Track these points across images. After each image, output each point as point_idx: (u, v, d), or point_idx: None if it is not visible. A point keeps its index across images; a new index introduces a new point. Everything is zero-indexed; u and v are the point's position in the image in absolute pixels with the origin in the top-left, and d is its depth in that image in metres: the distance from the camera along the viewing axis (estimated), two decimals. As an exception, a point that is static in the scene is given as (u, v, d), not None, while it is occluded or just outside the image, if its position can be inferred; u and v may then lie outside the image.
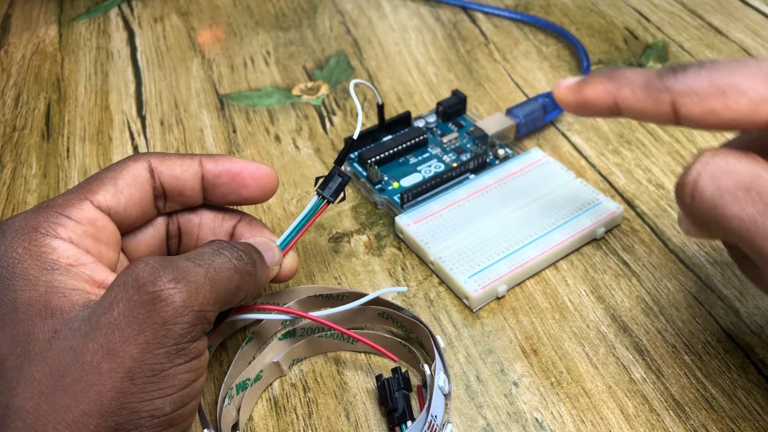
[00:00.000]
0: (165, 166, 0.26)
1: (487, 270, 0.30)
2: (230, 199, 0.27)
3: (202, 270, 0.21)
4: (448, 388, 0.25)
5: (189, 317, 0.20)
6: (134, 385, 0.19)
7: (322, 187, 0.27)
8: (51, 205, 0.23)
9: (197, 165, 0.26)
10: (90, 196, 0.24)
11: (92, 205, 0.24)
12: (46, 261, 0.21)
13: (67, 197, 0.24)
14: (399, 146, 0.37)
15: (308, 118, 0.43)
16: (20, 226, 0.22)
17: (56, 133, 0.44)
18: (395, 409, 0.25)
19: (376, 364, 0.28)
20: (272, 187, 0.27)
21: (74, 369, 0.19)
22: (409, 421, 0.25)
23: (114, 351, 0.19)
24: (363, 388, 0.28)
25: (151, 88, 0.47)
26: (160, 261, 0.21)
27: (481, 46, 0.48)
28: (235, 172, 0.26)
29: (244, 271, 0.23)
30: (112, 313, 0.20)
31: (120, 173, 0.25)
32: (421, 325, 0.27)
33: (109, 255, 0.24)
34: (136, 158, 0.26)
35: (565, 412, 0.26)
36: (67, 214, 0.23)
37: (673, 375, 0.27)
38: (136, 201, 0.25)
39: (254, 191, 0.27)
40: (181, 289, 0.20)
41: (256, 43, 0.50)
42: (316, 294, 0.29)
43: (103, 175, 0.25)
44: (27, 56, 0.51)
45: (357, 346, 0.29)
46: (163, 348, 0.20)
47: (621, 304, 0.30)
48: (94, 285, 0.22)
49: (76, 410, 0.19)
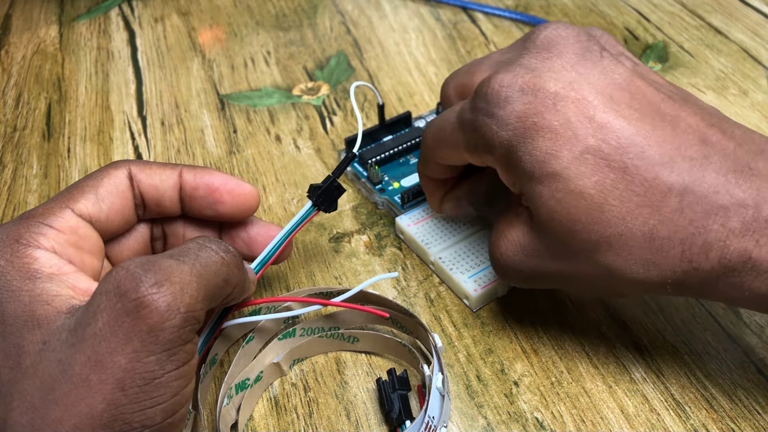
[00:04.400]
0: (144, 175, 0.26)
1: (487, 270, 0.30)
2: (206, 213, 0.27)
3: (187, 267, 0.21)
4: (445, 388, 0.25)
5: (176, 320, 0.20)
6: (125, 396, 0.19)
7: (317, 197, 0.27)
8: (32, 215, 0.23)
9: (177, 176, 0.26)
10: (71, 204, 0.24)
11: (74, 214, 0.24)
12: (29, 271, 0.21)
13: (48, 206, 0.24)
14: (399, 146, 0.37)
15: (309, 118, 0.43)
16: (1, 238, 0.22)
17: (57, 133, 0.44)
18: (392, 410, 0.25)
19: (377, 364, 0.28)
20: (251, 206, 0.27)
21: (63, 382, 0.19)
22: (408, 421, 0.25)
23: (102, 362, 0.19)
24: (363, 388, 0.28)
25: (152, 88, 0.47)
26: (141, 264, 0.20)
27: (482, 47, 0.48)
28: (214, 187, 0.26)
29: (232, 263, 0.23)
30: (96, 324, 0.19)
31: (101, 181, 0.25)
32: (420, 325, 0.27)
33: (93, 263, 0.24)
34: (117, 165, 0.25)
35: (566, 411, 0.26)
36: (48, 223, 0.23)
37: (673, 375, 0.27)
38: (117, 209, 0.25)
39: (231, 208, 0.26)
40: (165, 292, 0.20)
41: (256, 43, 0.50)
42: (317, 293, 0.29)
43: (83, 183, 0.25)
44: (28, 56, 0.51)
45: (357, 346, 0.29)
46: (153, 355, 0.19)
47: (621, 304, 0.30)
48: (77, 292, 0.21)
49: (67, 424, 0.19)
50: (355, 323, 0.29)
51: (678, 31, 0.48)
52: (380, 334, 0.28)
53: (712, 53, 0.45)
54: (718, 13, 0.49)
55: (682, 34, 0.47)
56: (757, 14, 0.48)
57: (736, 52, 0.45)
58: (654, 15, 0.50)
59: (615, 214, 0.22)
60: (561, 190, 0.23)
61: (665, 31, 0.48)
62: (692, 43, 0.46)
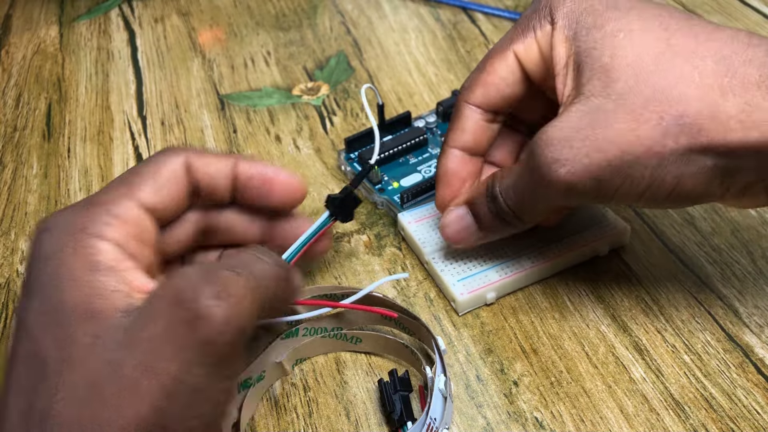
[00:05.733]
0: (201, 163, 0.25)
1: (477, 275, 0.30)
2: (257, 203, 0.27)
3: (243, 280, 0.21)
4: (448, 390, 0.25)
5: (230, 335, 0.19)
6: (171, 405, 0.19)
7: (335, 207, 0.28)
8: (96, 202, 0.23)
9: (232, 165, 0.26)
10: (134, 193, 0.23)
11: (137, 204, 0.23)
12: (91, 262, 0.21)
13: (112, 195, 0.23)
14: (399, 146, 0.37)
15: (308, 118, 0.43)
16: (67, 224, 0.22)
17: (57, 134, 0.44)
18: (393, 411, 0.25)
19: (377, 364, 0.28)
20: (300, 197, 0.27)
21: (112, 383, 0.19)
22: (409, 422, 0.25)
23: (153, 368, 0.19)
24: (363, 388, 0.28)
25: (152, 88, 0.47)
26: (201, 274, 0.20)
27: (481, 47, 0.48)
28: (268, 177, 0.26)
29: (284, 277, 0.23)
30: (152, 328, 0.19)
31: (159, 169, 0.24)
32: (423, 326, 0.27)
33: (149, 255, 0.24)
34: (176, 152, 0.25)
35: (565, 411, 0.26)
36: (114, 213, 0.23)
37: (673, 374, 0.27)
38: (173, 198, 0.25)
39: (282, 198, 0.27)
40: (223, 305, 0.19)
41: (256, 43, 0.50)
42: (322, 294, 0.29)
43: (142, 170, 0.24)
44: (28, 56, 0.51)
45: (360, 346, 0.29)
46: (203, 368, 0.19)
47: (621, 304, 0.30)
48: (133, 289, 0.21)
49: (114, 425, 0.18)
50: (358, 324, 0.29)
51: (678, 31, 0.48)
52: (383, 335, 0.28)
53: (711, 53, 0.45)
54: (717, 13, 0.49)
55: (681, 35, 0.47)
56: (756, 14, 0.48)
57: (736, 53, 0.45)
58: (654, 15, 0.50)
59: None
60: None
61: (665, 32, 0.48)
62: (692, 44, 0.46)
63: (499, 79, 0.27)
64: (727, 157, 0.22)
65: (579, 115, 0.24)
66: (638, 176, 0.23)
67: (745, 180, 0.23)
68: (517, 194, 0.26)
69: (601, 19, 0.24)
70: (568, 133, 0.24)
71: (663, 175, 0.23)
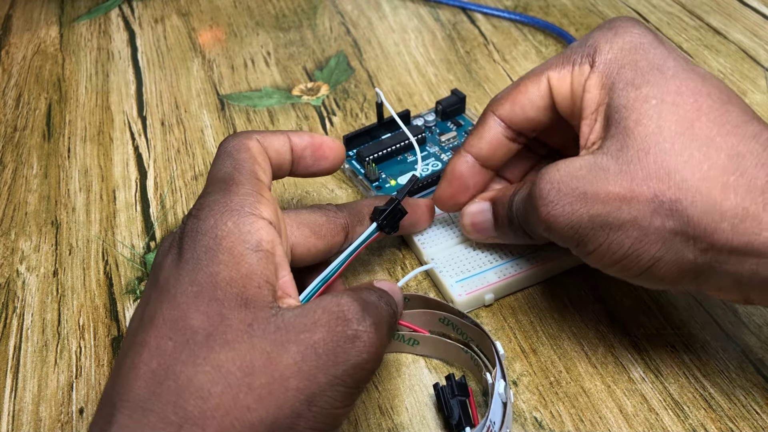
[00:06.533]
0: (268, 142, 0.26)
1: (476, 277, 0.30)
2: (311, 171, 0.28)
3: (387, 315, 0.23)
4: (507, 396, 0.25)
5: (373, 364, 0.21)
6: (308, 412, 0.20)
7: (381, 219, 0.28)
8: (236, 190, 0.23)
9: (287, 139, 0.27)
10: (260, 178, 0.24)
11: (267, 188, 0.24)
12: (252, 241, 0.21)
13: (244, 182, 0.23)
14: (397, 144, 0.37)
15: (308, 118, 0.43)
16: (221, 205, 0.22)
17: (57, 134, 0.44)
18: (451, 416, 0.25)
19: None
20: (342, 158, 0.29)
21: (264, 374, 0.19)
22: (468, 428, 0.25)
23: (306, 372, 0.20)
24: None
25: (152, 88, 0.47)
26: (364, 301, 0.22)
27: (481, 47, 0.48)
28: (317, 145, 0.28)
29: (394, 323, 0.24)
30: (313, 335, 0.20)
31: (251, 155, 0.25)
32: (483, 332, 0.27)
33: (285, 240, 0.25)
34: (247, 136, 0.26)
35: (564, 411, 0.26)
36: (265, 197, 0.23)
37: (672, 374, 0.27)
38: (270, 177, 0.26)
39: (333, 161, 0.28)
40: (375, 335, 0.21)
41: (256, 43, 0.50)
42: None
43: (238, 157, 0.25)
44: (28, 57, 0.52)
45: (417, 349, 0.29)
46: (346, 388, 0.20)
47: (620, 304, 0.30)
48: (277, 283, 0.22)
49: (255, 414, 0.19)
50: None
51: (677, 31, 0.48)
52: (441, 339, 0.28)
53: (711, 54, 0.45)
54: (716, 13, 0.49)
55: (681, 35, 0.47)
56: (755, 15, 0.48)
57: (735, 53, 0.45)
58: (653, 15, 0.50)
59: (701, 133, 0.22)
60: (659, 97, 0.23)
61: (664, 32, 0.48)
62: (691, 44, 0.46)
63: (528, 100, 0.28)
64: (707, 253, 0.22)
65: (583, 165, 0.24)
66: (617, 243, 0.23)
67: (720, 283, 0.23)
68: (521, 211, 0.27)
69: (640, 79, 0.24)
70: (564, 177, 0.24)
71: (641, 252, 0.23)
